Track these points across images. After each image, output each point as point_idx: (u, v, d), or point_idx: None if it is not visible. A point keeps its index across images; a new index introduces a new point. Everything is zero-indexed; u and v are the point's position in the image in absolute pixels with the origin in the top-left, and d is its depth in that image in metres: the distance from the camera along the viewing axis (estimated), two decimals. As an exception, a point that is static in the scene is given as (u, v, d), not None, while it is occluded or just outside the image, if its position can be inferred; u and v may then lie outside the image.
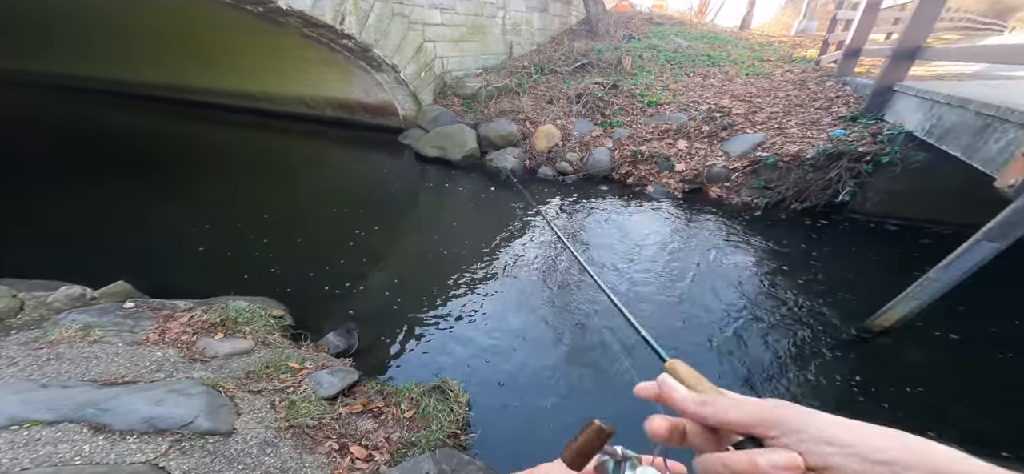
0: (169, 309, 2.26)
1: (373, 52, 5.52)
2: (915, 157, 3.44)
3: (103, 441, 1.15)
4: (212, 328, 2.18)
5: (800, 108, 4.87)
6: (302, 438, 1.59)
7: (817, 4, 11.43)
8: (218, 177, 5.50)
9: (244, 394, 1.67)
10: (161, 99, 10.75)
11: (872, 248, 3.49)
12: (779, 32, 12.13)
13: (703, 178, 4.50)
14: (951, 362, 2.32)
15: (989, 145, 2.39)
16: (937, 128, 2.99)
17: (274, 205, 4.41)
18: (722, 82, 6.24)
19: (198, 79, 9.32)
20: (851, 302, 2.70)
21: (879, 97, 3.95)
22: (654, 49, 7.78)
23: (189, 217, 4.06)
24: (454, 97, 6.65)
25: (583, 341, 2.47)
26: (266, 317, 2.42)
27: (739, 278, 3.06)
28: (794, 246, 3.48)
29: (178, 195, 4.71)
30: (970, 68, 4.79)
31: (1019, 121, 2.15)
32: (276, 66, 7.45)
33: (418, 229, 4.18)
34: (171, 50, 8.39)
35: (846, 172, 3.75)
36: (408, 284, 3.03)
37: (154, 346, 1.82)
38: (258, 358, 2.04)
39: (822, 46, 6.56)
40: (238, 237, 3.71)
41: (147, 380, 1.51)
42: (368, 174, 5.72)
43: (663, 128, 5.16)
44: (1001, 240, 1.96)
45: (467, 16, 6.84)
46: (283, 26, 5.21)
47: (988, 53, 3.36)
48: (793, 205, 4.01)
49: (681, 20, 11.85)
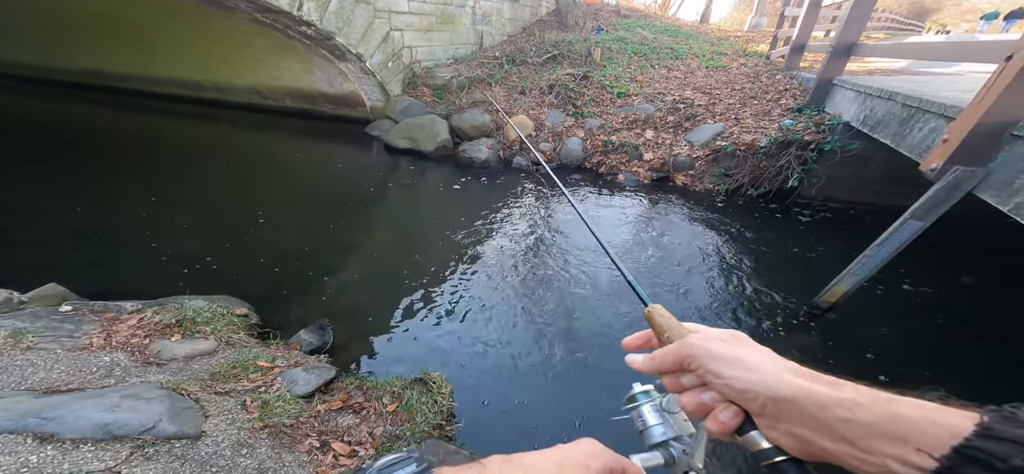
0: (114, 311, 2.05)
1: (335, 40, 5.24)
2: (852, 145, 3.80)
3: (52, 451, 1.03)
4: (167, 330, 2.02)
5: (754, 100, 5.21)
6: (280, 438, 1.52)
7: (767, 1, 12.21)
8: (161, 172, 5.03)
9: (210, 396, 1.56)
10: (86, 86, 9.61)
11: (819, 229, 3.84)
12: (734, 27, 12.87)
13: (669, 167, 4.72)
14: (891, 329, 2.58)
15: (914, 133, 2.68)
16: (870, 118, 3.31)
17: (230, 200, 4.11)
18: (685, 75, 6.54)
19: (132, 66, 8.42)
20: (801, 281, 2.93)
21: (821, 90, 4.31)
22: (622, 41, 7.99)
23: (130, 215, 3.70)
24: (424, 87, 6.48)
25: (563, 327, 2.53)
26: (228, 316, 2.27)
27: (702, 260, 3.25)
28: (751, 229, 3.75)
29: (115, 191, 4.26)
30: (897, 64, 5.34)
31: (938, 111, 2.42)
32: (224, 54, 6.89)
33: (391, 221, 4.06)
34: (98, 34, 7.52)
35: (794, 160, 4.08)
36: (383, 278, 2.95)
37: (100, 351, 1.65)
38: (223, 359, 1.92)
39: (772, 41, 7.04)
40: (190, 235, 3.43)
41: (96, 386, 1.37)
42: (334, 167, 5.46)
43: (632, 118, 5.33)
44: (925, 218, 2.19)
45: (436, 5, 6.66)
46: (232, 11, 4.82)
47: (912, 50, 3.75)
48: (750, 191, 4.31)
49: (646, 13, 12.23)
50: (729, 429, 0.35)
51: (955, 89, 3.00)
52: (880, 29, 10.56)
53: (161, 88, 8.72)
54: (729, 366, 0.34)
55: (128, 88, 9.14)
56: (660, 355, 0.40)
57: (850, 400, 0.28)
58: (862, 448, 0.27)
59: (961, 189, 2.04)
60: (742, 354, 0.35)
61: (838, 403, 0.28)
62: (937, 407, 0.26)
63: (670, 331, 0.41)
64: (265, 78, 7.20)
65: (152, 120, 7.66)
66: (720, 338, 0.37)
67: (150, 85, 8.79)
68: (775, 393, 0.31)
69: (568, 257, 3.22)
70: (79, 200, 3.95)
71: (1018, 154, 1.83)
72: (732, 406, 0.34)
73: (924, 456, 0.25)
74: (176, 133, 6.92)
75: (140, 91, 9.03)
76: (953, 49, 2.86)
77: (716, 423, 0.35)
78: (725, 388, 0.35)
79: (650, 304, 0.46)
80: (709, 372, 0.35)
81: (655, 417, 0.43)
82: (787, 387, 0.31)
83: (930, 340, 2.53)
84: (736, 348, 0.36)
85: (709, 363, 0.35)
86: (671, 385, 0.40)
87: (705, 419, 0.36)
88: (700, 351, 0.36)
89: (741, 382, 0.33)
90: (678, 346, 0.38)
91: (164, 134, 6.81)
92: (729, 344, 0.36)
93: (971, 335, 2.54)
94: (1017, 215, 1.80)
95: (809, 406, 0.29)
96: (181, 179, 4.78)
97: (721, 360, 0.35)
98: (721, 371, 0.35)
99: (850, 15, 3.72)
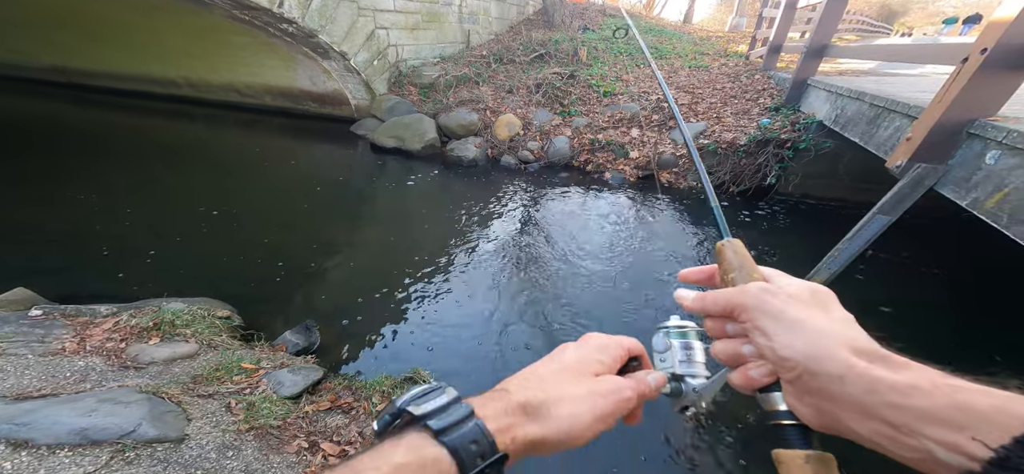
0: (88, 315, 1.98)
1: (318, 38, 5.14)
2: (825, 143, 3.97)
3: (27, 456, 0.99)
4: (144, 333, 1.96)
5: (734, 99, 5.37)
6: (266, 439, 1.50)
7: (746, 2, 12.56)
8: (134, 172, 4.84)
9: (193, 399, 1.53)
10: (51, 83, 9.15)
11: (797, 224, 3.99)
12: (716, 27, 13.20)
13: (654, 165, 4.82)
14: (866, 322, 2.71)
15: (880, 131, 2.81)
16: (841, 118, 3.45)
17: (210, 201, 3.99)
18: (668, 74, 6.68)
19: (101, 62, 8.06)
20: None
21: (796, 90, 4.47)
22: (608, 40, 8.09)
23: (100, 217, 3.55)
24: (411, 86, 6.42)
25: (552, 323, 2.56)
26: (210, 318, 2.22)
27: (686, 256, 3.35)
28: (733, 226, 3.85)
29: (83, 192, 4.08)
30: (866, 65, 5.59)
31: (903, 111, 2.55)
32: (199, 50, 6.67)
33: (378, 221, 4.02)
34: (64, 28, 7.17)
35: (772, 158, 4.22)
36: (371, 277, 2.92)
37: (74, 355, 1.59)
38: (205, 361, 1.87)
39: (751, 42, 7.25)
40: (167, 236, 3.32)
41: (71, 391, 1.32)
42: (319, 166, 5.36)
43: (618, 117, 5.42)
44: (892, 213, 2.30)
45: (422, 3, 6.60)
46: (207, 7, 4.67)
47: (879, 52, 3.94)
48: (731, 188, 4.44)
49: (631, 12, 12.41)
50: (755, 388, 0.33)
51: (918, 89, 3.16)
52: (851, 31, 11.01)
53: (132, 85, 8.37)
54: (781, 327, 0.31)
55: (97, 85, 8.75)
56: (711, 297, 0.37)
57: (907, 384, 0.26)
58: (904, 432, 0.25)
59: (923, 185, 2.15)
60: (802, 316, 0.31)
61: (892, 386, 0.26)
62: (1009, 396, 0.24)
63: (738, 272, 0.38)
64: (244, 75, 7.00)
65: (123, 118, 7.34)
66: (791, 294, 0.33)
67: (120, 82, 8.43)
68: (821, 368, 0.29)
69: (556, 255, 3.26)
70: (45, 202, 3.77)
71: (974, 151, 1.94)
72: (767, 366, 0.32)
73: (978, 445, 0.23)
74: (149, 131, 6.65)
75: (109, 88, 8.65)
76: (916, 52, 3.01)
77: (744, 378, 0.33)
78: (766, 348, 0.32)
79: (728, 236, 0.42)
80: (756, 327, 0.33)
81: (681, 352, 0.40)
82: (837, 364, 0.28)
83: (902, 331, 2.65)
84: (801, 308, 0.32)
85: (759, 318, 0.33)
86: (713, 328, 0.37)
87: (733, 369, 0.34)
88: (754, 303, 0.33)
89: (786, 348, 0.31)
90: (732, 292, 0.35)
91: (136, 133, 6.54)
92: (795, 302, 0.32)
93: (952, 323, 2.67)
94: (974, 209, 1.89)
95: (857, 388, 0.27)
96: (155, 179, 4.62)
97: (774, 318, 0.32)
98: (769, 329, 0.32)
99: (822, 17, 3.88)
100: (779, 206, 4.30)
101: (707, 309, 0.37)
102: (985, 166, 1.86)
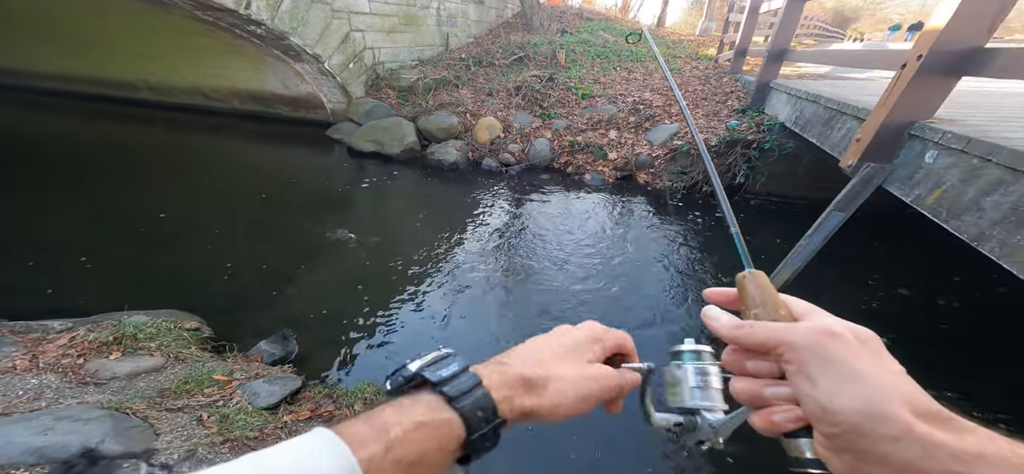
0: (39, 332, 1.85)
1: (290, 40, 5.00)
2: (787, 144, 4.20)
3: None
4: (104, 347, 1.85)
5: (705, 101, 5.60)
6: (242, 451, 1.45)
7: (715, 6, 13.12)
8: (87, 179, 4.54)
9: (160, 414, 1.46)
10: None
11: (765, 222, 4.19)
12: (687, 31, 13.70)
13: (632, 166, 4.96)
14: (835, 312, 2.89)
15: (835, 132, 2.99)
16: (800, 119, 3.66)
17: (172, 208, 3.80)
18: (644, 77, 6.89)
19: (51, 64, 7.53)
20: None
21: (760, 92, 4.70)
22: (585, 43, 8.25)
23: (52, 228, 3.32)
24: (389, 89, 6.34)
25: (535, 326, 2.59)
26: (177, 331, 2.12)
27: (660, 254, 3.46)
28: (706, 224, 4.03)
29: (30, 203, 3.80)
30: (822, 69, 5.95)
31: (853, 113, 2.72)
32: (158, 51, 6.35)
33: (356, 226, 3.94)
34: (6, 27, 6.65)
35: (740, 158, 4.43)
36: (350, 283, 2.86)
37: (26, 373, 1.48)
38: (172, 374, 1.79)
39: (719, 45, 7.56)
40: (125, 247, 3.14)
41: (24, 410, 1.23)
42: (294, 170, 5.20)
43: (596, 119, 5.54)
44: (846, 210, 2.41)
45: (399, 5, 6.53)
46: (167, 8, 4.46)
47: (832, 57, 4.21)
48: (704, 187, 4.63)
49: (607, 16, 12.71)
50: (779, 432, 0.31)
51: (867, 93, 3.41)
52: (810, 36, 11.67)
53: (85, 88, 7.84)
54: (835, 376, 0.28)
55: (47, 88, 8.14)
56: (754, 329, 0.33)
57: (972, 453, 0.24)
58: None
59: (873, 183, 2.30)
60: (864, 368, 0.28)
61: (955, 455, 0.24)
62: None
63: (761, 308, 0.35)
64: (209, 78, 6.71)
65: (75, 123, 6.87)
66: (846, 339, 0.29)
67: (72, 84, 7.88)
68: (875, 428, 0.26)
69: (538, 258, 3.30)
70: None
71: (916, 151, 2.09)
72: (795, 411, 0.30)
73: None
74: (104, 136, 6.25)
75: (60, 91, 8.07)
76: (864, 57, 3.25)
77: (767, 422, 0.31)
78: (808, 397, 0.29)
79: (750, 268, 0.38)
80: (802, 372, 0.29)
81: (695, 379, 0.36)
82: (895, 426, 0.25)
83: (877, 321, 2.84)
84: (859, 359, 0.28)
85: (810, 363, 0.29)
86: (733, 362, 0.34)
87: (755, 410, 0.32)
88: (807, 344, 0.29)
89: (838, 402, 0.27)
90: (782, 329, 0.31)
91: (89, 138, 6.13)
92: (852, 350, 0.29)
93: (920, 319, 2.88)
94: (917, 205, 2.01)
95: (912, 452, 0.25)
96: (112, 187, 4.35)
97: (831, 365, 0.28)
98: (817, 376, 0.28)
99: (781, 22, 4.10)
100: (748, 205, 4.51)
101: (741, 340, 0.33)
102: (925, 165, 2.01)
